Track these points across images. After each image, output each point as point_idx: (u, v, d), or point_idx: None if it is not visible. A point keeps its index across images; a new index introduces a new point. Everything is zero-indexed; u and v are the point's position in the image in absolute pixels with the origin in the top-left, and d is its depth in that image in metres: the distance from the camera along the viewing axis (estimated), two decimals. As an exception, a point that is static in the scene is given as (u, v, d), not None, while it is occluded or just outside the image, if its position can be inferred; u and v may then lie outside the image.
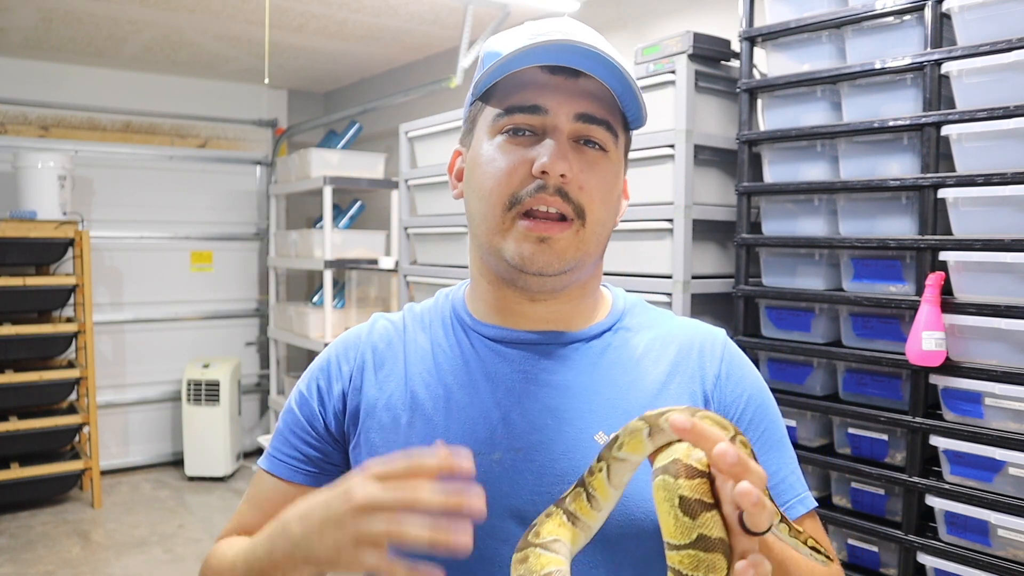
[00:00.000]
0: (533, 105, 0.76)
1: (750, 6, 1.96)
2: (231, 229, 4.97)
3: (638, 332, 0.85)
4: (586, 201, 0.76)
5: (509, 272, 0.78)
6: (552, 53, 0.73)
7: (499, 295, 0.83)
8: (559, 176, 0.74)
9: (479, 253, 0.83)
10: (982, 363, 1.56)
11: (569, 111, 0.76)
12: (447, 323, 0.86)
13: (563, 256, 0.76)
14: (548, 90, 0.76)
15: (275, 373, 4.76)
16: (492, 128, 0.79)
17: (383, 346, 0.86)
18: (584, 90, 0.76)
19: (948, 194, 1.60)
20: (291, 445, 0.85)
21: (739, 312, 1.99)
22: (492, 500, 0.73)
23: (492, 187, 0.77)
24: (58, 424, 3.90)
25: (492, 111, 0.79)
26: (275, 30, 3.67)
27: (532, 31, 0.78)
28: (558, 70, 0.76)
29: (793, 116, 1.91)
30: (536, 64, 0.75)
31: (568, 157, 0.75)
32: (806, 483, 0.84)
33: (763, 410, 0.83)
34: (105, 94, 4.55)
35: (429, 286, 3.13)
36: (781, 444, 0.83)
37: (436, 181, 3.05)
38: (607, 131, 0.78)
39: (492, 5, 3.03)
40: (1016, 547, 1.51)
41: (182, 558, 3.43)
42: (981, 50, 1.54)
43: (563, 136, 0.76)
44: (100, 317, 4.41)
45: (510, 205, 0.76)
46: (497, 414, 0.78)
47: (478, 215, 0.79)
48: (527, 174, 0.75)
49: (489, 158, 0.78)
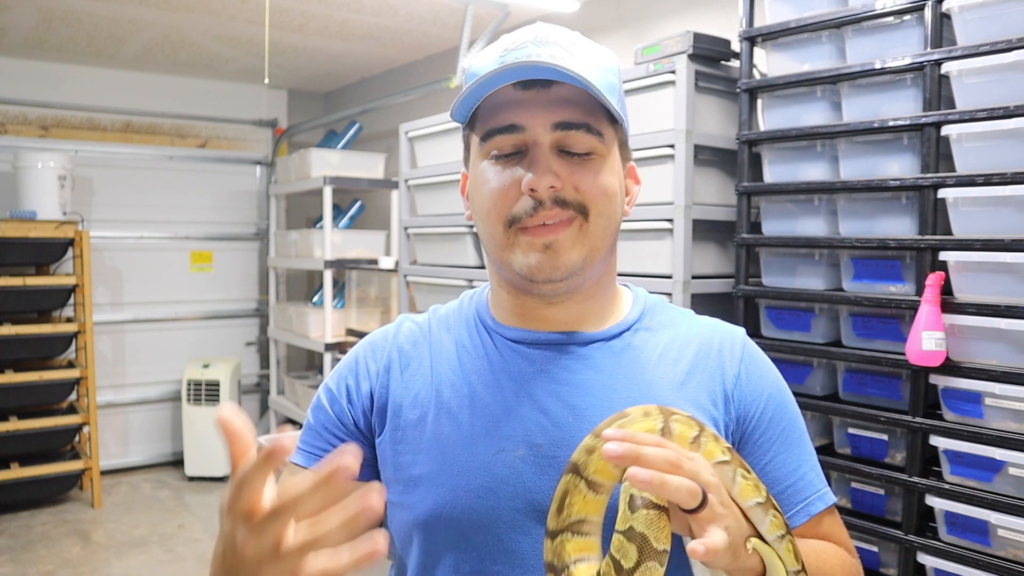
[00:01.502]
0: (509, 125, 0.78)
1: (750, 6, 1.96)
2: (231, 229, 4.97)
3: (658, 331, 0.87)
4: (584, 198, 0.78)
5: (521, 282, 0.82)
6: (518, 71, 0.74)
7: (518, 301, 0.86)
8: (549, 188, 0.76)
9: (494, 267, 0.86)
10: (982, 363, 1.56)
11: (545, 123, 0.77)
12: (471, 325, 0.89)
13: (568, 259, 0.78)
14: (522, 107, 0.77)
15: (275, 373, 4.76)
16: (480, 152, 0.82)
17: (409, 346, 0.89)
18: (560, 97, 0.77)
19: (948, 194, 1.60)
20: (324, 440, 0.87)
21: (739, 312, 1.99)
22: (514, 495, 0.77)
23: (489, 209, 0.80)
24: (58, 424, 3.90)
25: (476, 137, 0.82)
26: (275, 30, 3.67)
27: (503, 46, 0.80)
28: (530, 83, 0.77)
29: (793, 116, 1.91)
30: (505, 84, 0.76)
31: (552, 168, 0.77)
32: (826, 480, 0.86)
33: (782, 408, 0.85)
34: (105, 94, 4.55)
35: (429, 286, 3.13)
36: (800, 442, 0.84)
37: (436, 181, 3.05)
38: (588, 133, 0.78)
39: (492, 5, 3.03)
40: (1016, 547, 1.51)
41: (182, 558, 3.43)
42: (981, 50, 1.54)
43: (544, 149, 0.77)
44: (100, 317, 4.41)
45: (509, 223, 0.79)
46: (519, 412, 0.80)
47: (485, 235, 0.83)
48: (519, 194, 0.78)
49: (482, 181, 0.81)
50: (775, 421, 0.83)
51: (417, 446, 0.82)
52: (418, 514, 0.80)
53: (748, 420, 0.83)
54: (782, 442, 0.83)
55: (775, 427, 0.83)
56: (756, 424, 0.83)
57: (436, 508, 0.78)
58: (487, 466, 0.78)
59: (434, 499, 0.79)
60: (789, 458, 0.82)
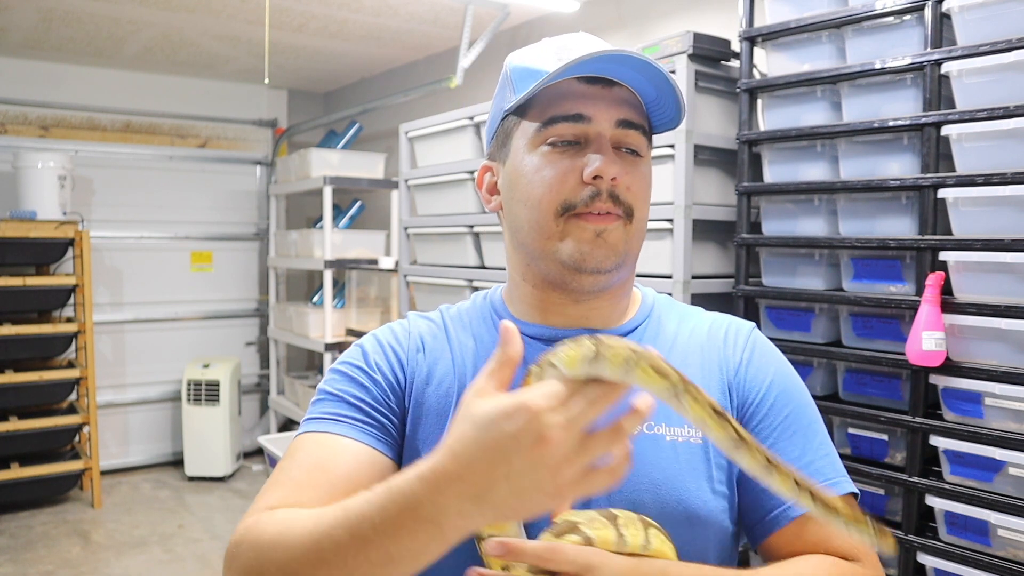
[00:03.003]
0: (576, 114, 0.79)
1: (750, 6, 1.96)
2: (231, 229, 4.96)
3: (668, 326, 0.90)
4: (633, 201, 0.81)
5: (562, 274, 0.81)
6: (590, 64, 0.77)
7: (542, 296, 0.86)
8: (611, 180, 0.78)
9: (525, 259, 0.85)
10: (982, 363, 1.56)
11: (610, 118, 0.80)
12: (488, 321, 0.90)
13: (616, 249, 0.80)
14: (588, 99, 0.80)
15: (275, 373, 4.76)
16: (533, 140, 0.82)
17: (430, 339, 0.89)
18: (619, 98, 0.81)
19: (948, 194, 1.60)
20: (366, 413, 0.83)
21: (739, 312, 1.99)
22: None
23: (542, 195, 0.80)
24: (58, 424, 3.90)
25: (531, 125, 0.82)
26: (275, 30, 3.67)
27: (560, 45, 0.82)
28: (595, 80, 0.80)
29: (793, 116, 1.91)
30: (576, 76, 0.79)
31: (616, 162, 0.79)
32: (842, 469, 0.84)
33: (786, 396, 0.84)
34: (105, 94, 4.55)
35: (429, 286, 3.13)
36: (808, 430, 0.84)
37: (436, 181, 3.05)
38: (642, 135, 0.83)
39: (492, 5, 3.03)
40: (1016, 547, 1.51)
41: (182, 558, 3.43)
42: (981, 50, 1.54)
43: (607, 142, 0.80)
44: (100, 317, 4.41)
45: (563, 211, 0.79)
46: None
47: (527, 223, 0.82)
48: (577, 181, 0.79)
49: (535, 168, 0.81)
50: (777, 407, 0.83)
51: (433, 436, 0.81)
52: None
53: (748, 406, 0.83)
54: (785, 429, 0.82)
55: (777, 414, 0.83)
56: (756, 410, 0.83)
57: None
58: None
59: None
60: (792, 446, 0.81)
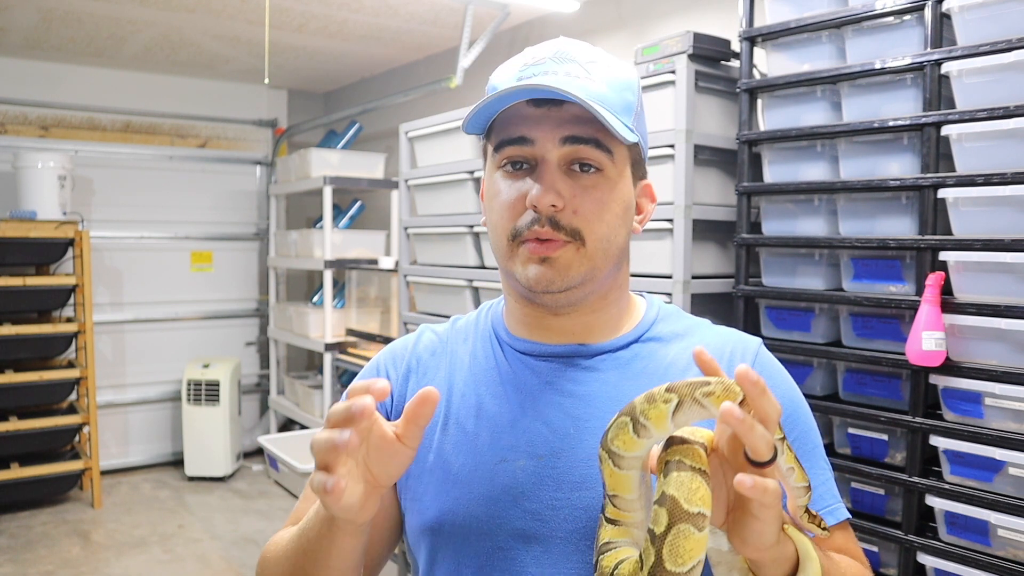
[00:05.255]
0: (520, 137, 0.79)
1: (750, 6, 1.96)
2: (231, 229, 4.97)
3: (669, 342, 0.86)
4: (581, 224, 0.78)
5: (525, 292, 0.83)
6: (524, 92, 0.76)
7: (526, 311, 0.87)
8: (550, 207, 0.77)
9: (503, 275, 0.88)
10: (982, 363, 1.56)
11: (554, 137, 0.78)
12: (485, 337, 0.92)
13: (566, 273, 0.79)
14: (533, 121, 0.79)
15: (275, 373, 4.76)
16: (494, 163, 0.83)
17: (427, 356, 0.92)
18: (571, 115, 0.78)
19: (948, 194, 1.60)
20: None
21: (739, 312, 1.99)
22: (515, 503, 0.79)
23: (497, 221, 0.82)
24: (58, 424, 3.90)
25: (491, 147, 0.84)
26: (275, 30, 3.67)
27: (524, 61, 0.82)
28: (542, 102, 0.78)
29: (793, 116, 1.91)
30: (519, 101, 0.78)
31: (557, 186, 0.77)
32: (838, 494, 0.83)
33: (791, 420, 0.82)
34: (105, 94, 4.55)
35: (429, 286, 3.13)
36: (812, 455, 0.82)
37: (436, 181, 3.05)
38: (597, 149, 0.78)
39: (492, 5, 3.03)
40: (1016, 547, 1.51)
41: (182, 558, 3.43)
42: (981, 50, 1.54)
43: (552, 165, 0.78)
44: (100, 317, 4.42)
45: (513, 236, 0.81)
46: (523, 423, 0.82)
47: (493, 245, 0.86)
48: (523, 207, 0.79)
49: (494, 193, 0.83)
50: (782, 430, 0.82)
51: (427, 451, 0.85)
52: (425, 519, 0.83)
53: None
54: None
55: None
56: None
57: (440, 514, 0.81)
58: (489, 475, 0.80)
59: (439, 505, 0.82)
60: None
